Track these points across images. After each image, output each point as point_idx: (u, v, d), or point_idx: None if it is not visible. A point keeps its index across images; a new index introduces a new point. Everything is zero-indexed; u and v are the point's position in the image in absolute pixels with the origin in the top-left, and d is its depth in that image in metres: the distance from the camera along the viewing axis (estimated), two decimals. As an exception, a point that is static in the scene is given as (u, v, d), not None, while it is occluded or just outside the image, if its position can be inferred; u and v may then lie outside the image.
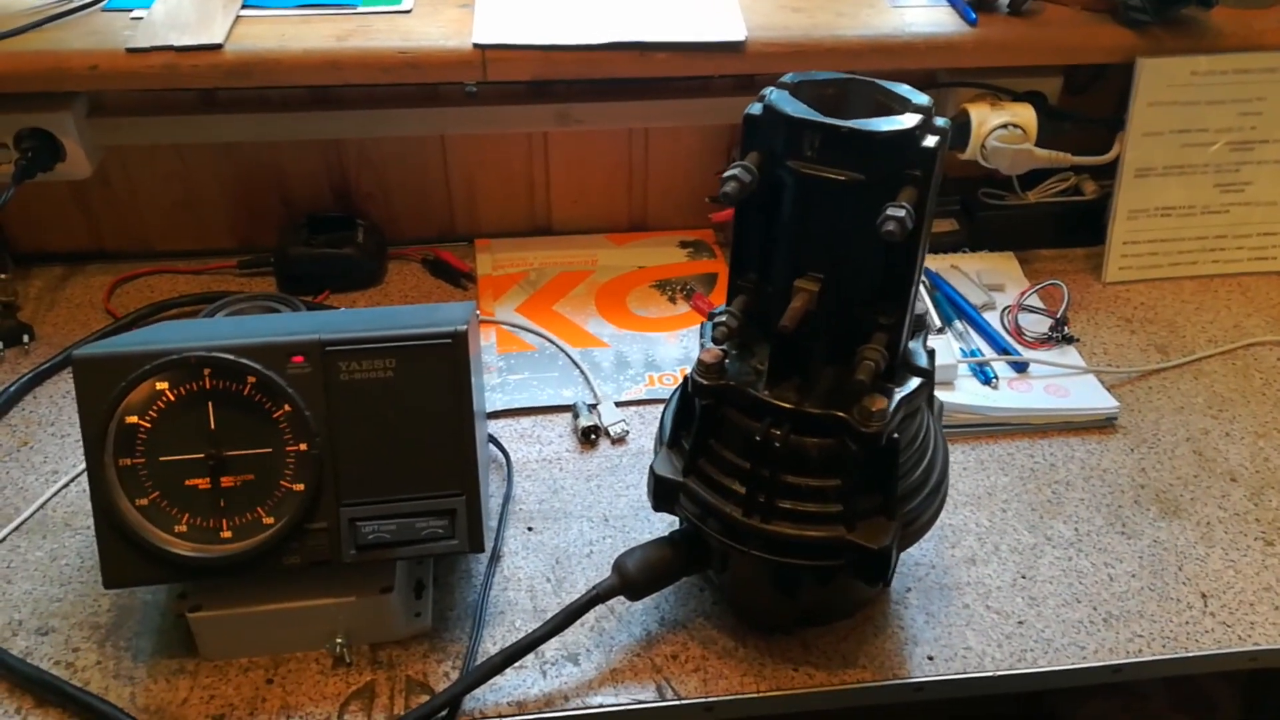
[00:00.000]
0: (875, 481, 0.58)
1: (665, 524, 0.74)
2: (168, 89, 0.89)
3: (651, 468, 0.62)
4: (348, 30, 0.88)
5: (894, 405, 0.56)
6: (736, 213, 0.57)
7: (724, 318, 0.58)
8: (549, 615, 0.66)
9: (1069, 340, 0.89)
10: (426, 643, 0.65)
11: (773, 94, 0.52)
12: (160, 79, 0.84)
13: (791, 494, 0.58)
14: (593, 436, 0.81)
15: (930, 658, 0.65)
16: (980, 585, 0.70)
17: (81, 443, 0.78)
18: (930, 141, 0.51)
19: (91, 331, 0.89)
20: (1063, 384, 0.84)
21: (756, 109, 0.53)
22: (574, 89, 0.96)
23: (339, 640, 0.62)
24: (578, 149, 1.00)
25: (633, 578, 0.63)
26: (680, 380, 0.82)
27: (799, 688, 0.63)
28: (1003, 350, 0.87)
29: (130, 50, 0.84)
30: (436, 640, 0.65)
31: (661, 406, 0.83)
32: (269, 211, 0.99)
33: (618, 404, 0.83)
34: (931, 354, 0.60)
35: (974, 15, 0.94)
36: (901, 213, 0.50)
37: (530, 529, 0.73)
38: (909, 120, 0.51)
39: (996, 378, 0.84)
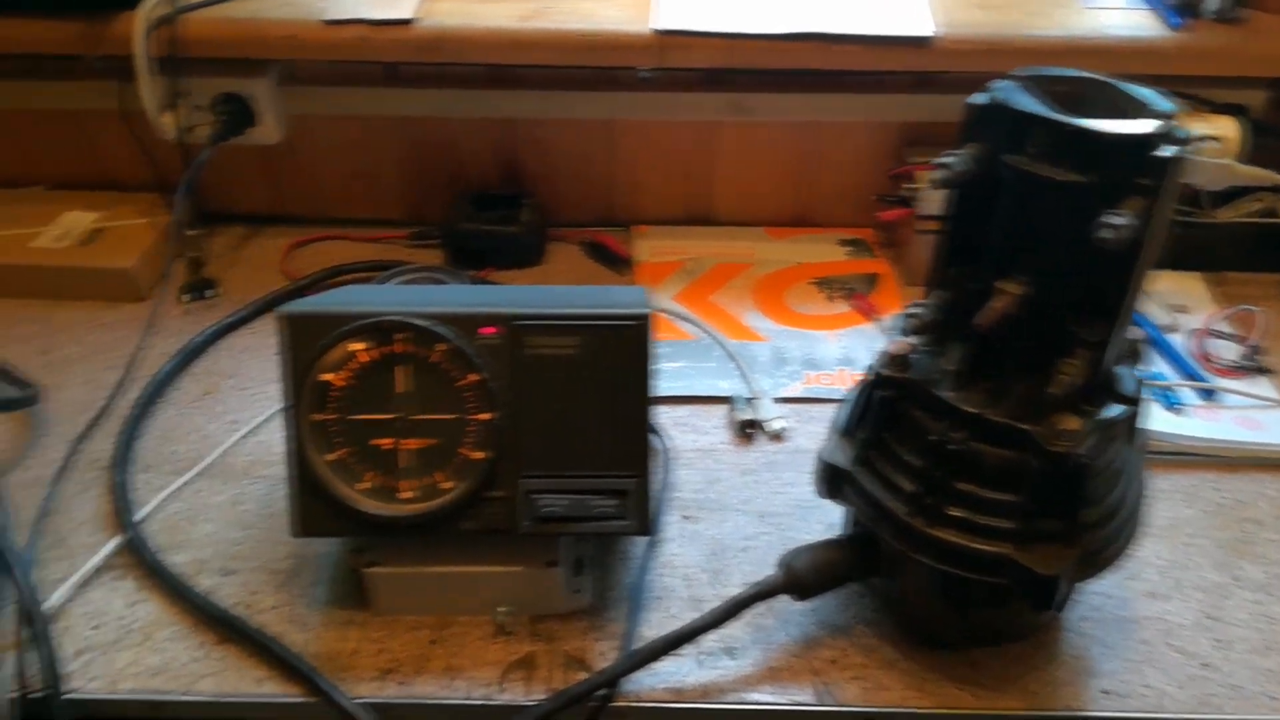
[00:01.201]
0: (1055, 504, 0.55)
1: (824, 526, 0.72)
2: (357, 61, 0.92)
3: (819, 453, 0.61)
4: (532, 11, 0.89)
5: (1087, 428, 0.53)
6: (948, 205, 0.55)
7: (918, 310, 0.57)
8: (705, 605, 0.66)
9: (1263, 371, 0.83)
10: (584, 620, 0.65)
11: (1001, 85, 0.50)
12: (353, 50, 0.87)
13: (963, 502, 0.56)
14: (749, 431, 0.80)
15: (1105, 691, 0.62)
16: (1161, 621, 0.66)
17: (260, 396, 0.82)
18: (1167, 151, 0.48)
19: (270, 290, 0.92)
20: (1256, 416, 0.79)
21: (982, 99, 0.51)
22: (747, 79, 0.95)
23: (503, 609, 0.63)
24: (745, 140, 0.99)
25: (801, 577, 0.61)
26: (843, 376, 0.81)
27: (965, 708, 0.61)
28: (1189, 376, 0.82)
29: (327, 22, 0.87)
30: (594, 619, 0.65)
31: (820, 406, 0.83)
32: (439, 186, 1.01)
33: (776, 400, 0.82)
34: (1141, 384, 0.57)
35: (1178, 20, 0.89)
36: (1121, 221, 0.48)
37: (687, 517, 0.73)
38: (1144, 125, 0.49)
39: (1182, 404, 0.80)
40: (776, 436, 0.80)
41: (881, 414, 0.59)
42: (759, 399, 0.82)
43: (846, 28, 0.86)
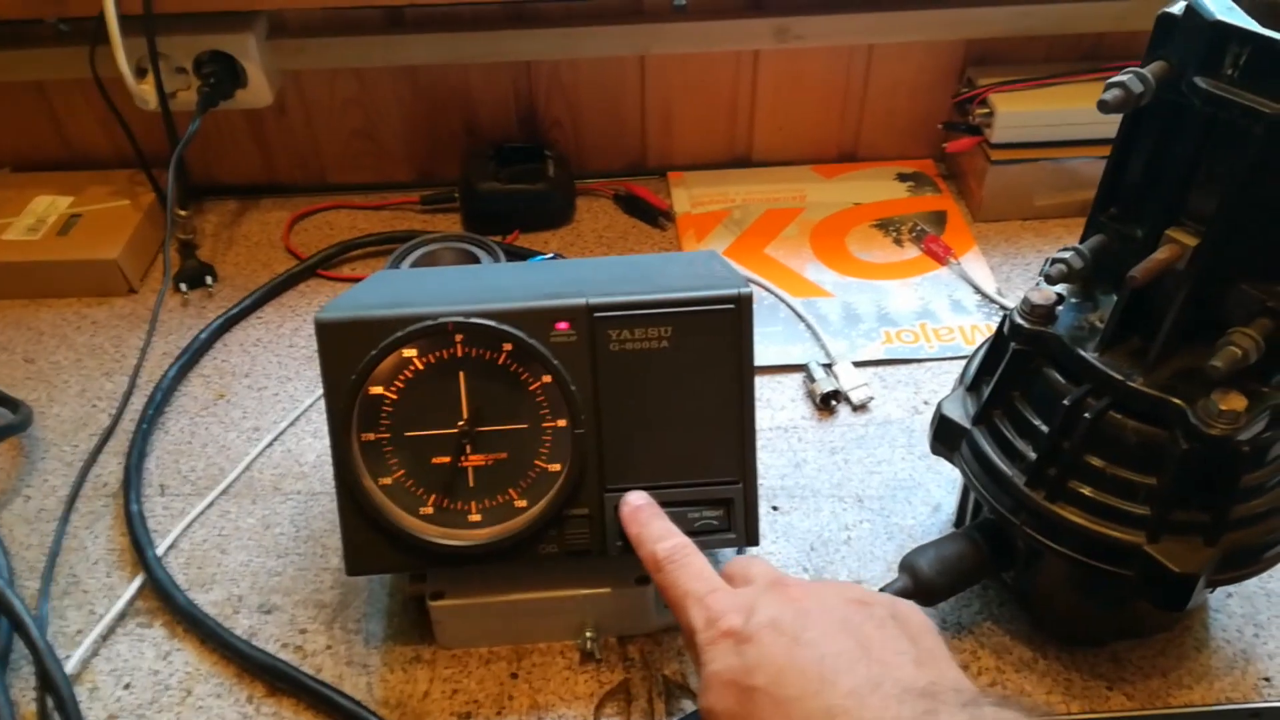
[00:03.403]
0: (1202, 494, 0.48)
1: (928, 507, 0.65)
2: (353, 6, 0.81)
3: (940, 404, 0.55)
4: (549, -65, 0.78)
5: (1254, 411, 0.45)
6: (1119, 134, 0.46)
7: (1068, 255, 0.49)
8: (812, 611, 0.59)
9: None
10: (677, 637, 0.58)
11: (1207, -8, 0.41)
12: (349, -7, 0.76)
13: (1092, 479, 0.49)
14: (832, 402, 0.72)
15: (1267, 679, 0.56)
16: (1317, 594, 0.60)
17: (280, 396, 0.73)
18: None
19: (275, 272, 0.83)
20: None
21: (1177, 8, 0.42)
22: (790, 1, 0.85)
23: (589, 635, 0.56)
24: (790, 69, 0.89)
25: (929, 580, 0.54)
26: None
27: (1118, 711, 0.54)
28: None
29: (316, -39, 0.76)
30: (690, 636, 0.58)
31: (903, 368, 0.75)
32: (451, 141, 0.91)
33: (855, 365, 0.74)
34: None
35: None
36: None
37: (775, 508, 0.65)
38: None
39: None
40: (861, 407, 0.72)
41: (1012, 368, 0.52)
42: (837, 365, 0.74)
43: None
